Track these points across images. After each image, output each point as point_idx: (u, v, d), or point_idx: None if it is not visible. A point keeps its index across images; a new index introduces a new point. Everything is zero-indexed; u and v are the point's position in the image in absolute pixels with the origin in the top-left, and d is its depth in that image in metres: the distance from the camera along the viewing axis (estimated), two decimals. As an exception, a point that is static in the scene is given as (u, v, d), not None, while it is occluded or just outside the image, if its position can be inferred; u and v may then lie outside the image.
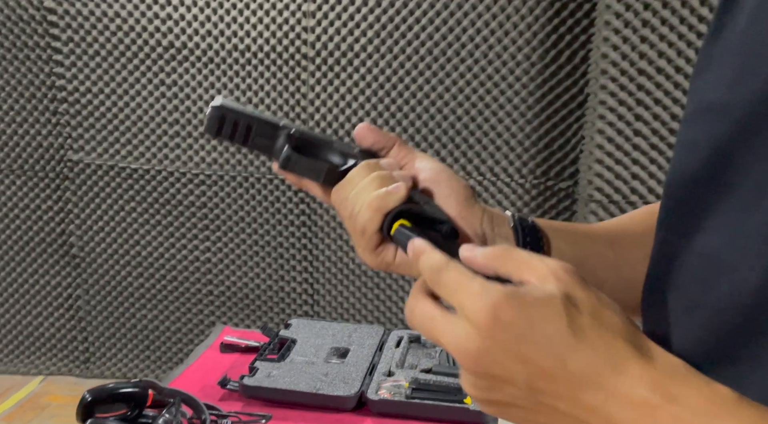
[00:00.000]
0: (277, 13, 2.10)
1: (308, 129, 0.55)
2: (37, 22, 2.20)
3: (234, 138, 0.52)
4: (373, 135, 0.53)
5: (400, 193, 0.47)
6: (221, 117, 0.52)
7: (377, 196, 0.47)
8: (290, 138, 0.52)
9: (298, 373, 1.11)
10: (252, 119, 0.52)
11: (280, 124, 0.53)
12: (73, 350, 2.50)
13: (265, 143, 0.53)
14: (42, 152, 2.32)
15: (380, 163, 0.50)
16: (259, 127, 0.52)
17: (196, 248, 2.34)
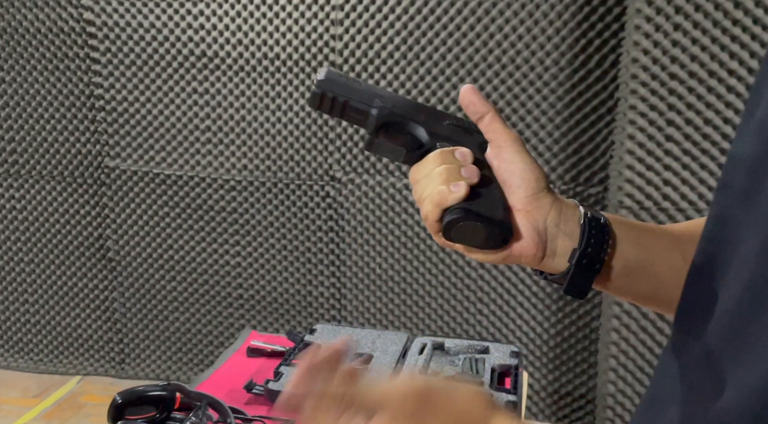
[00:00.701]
0: (305, 21, 2.13)
1: (401, 100, 0.56)
2: (77, 33, 2.28)
3: (332, 113, 0.56)
4: (473, 97, 0.54)
5: (460, 194, 0.50)
6: (321, 94, 0.55)
7: (439, 192, 0.51)
8: (376, 119, 0.55)
9: (321, 378, 1.12)
10: (349, 97, 0.55)
11: (371, 105, 0.55)
12: (108, 352, 2.57)
13: (359, 119, 0.56)
14: (80, 159, 2.40)
15: (454, 154, 0.53)
16: (354, 105, 0.55)
17: (226, 253, 2.38)
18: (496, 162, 0.54)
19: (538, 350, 2.19)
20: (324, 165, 2.24)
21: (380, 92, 0.56)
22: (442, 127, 0.56)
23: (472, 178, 0.51)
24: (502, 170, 0.53)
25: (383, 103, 0.56)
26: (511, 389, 1.09)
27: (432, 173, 0.52)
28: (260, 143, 2.27)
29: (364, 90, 0.56)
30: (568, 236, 0.53)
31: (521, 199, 0.53)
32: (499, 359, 1.19)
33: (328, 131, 2.21)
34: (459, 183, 0.50)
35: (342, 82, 0.56)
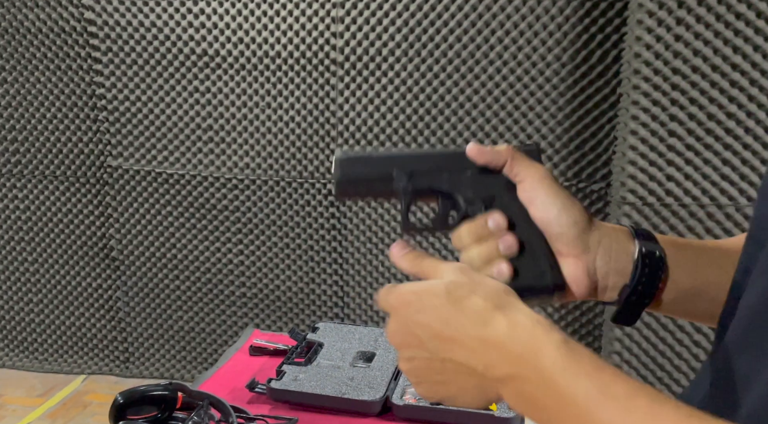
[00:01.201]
0: (306, 19, 2.13)
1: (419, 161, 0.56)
2: (78, 33, 2.28)
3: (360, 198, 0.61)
4: (484, 157, 0.54)
5: (504, 277, 0.51)
6: (344, 191, 0.57)
7: None
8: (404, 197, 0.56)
9: (324, 377, 1.12)
10: (369, 188, 0.57)
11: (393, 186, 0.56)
12: (113, 350, 2.58)
13: (388, 196, 0.57)
14: (83, 159, 2.40)
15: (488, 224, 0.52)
16: (377, 188, 0.57)
17: (229, 251, 2.39)
18: (531, 209, 0.52)
19: (542, 347, 2.19)
20: (326, 163, 2.23)
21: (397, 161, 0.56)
22: (467, 182, 0.55)
23: (512, 250, 0.51)
24: (539, 218, 0.52)
25: (403, 173, 0.55)
26: (514, 387, 1.09)
27: (471, 253, 0.52)
28: (262, 141, 2.27)
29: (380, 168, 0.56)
30: (619, 273, 0.52)
31: (565, 245, 0.52)
32: (501, 357, 1.18)
33: (329, 129, 2.21)
34: (501, 266, 0.51)
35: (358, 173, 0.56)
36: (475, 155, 0.54)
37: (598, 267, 0.52)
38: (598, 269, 0.52)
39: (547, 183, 0.53)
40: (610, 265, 0.52)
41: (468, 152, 0.54)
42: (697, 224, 1.81)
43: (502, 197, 0.54)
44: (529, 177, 0.53)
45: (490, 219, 0.52)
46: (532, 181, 0.52)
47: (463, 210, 0.55)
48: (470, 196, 0.54)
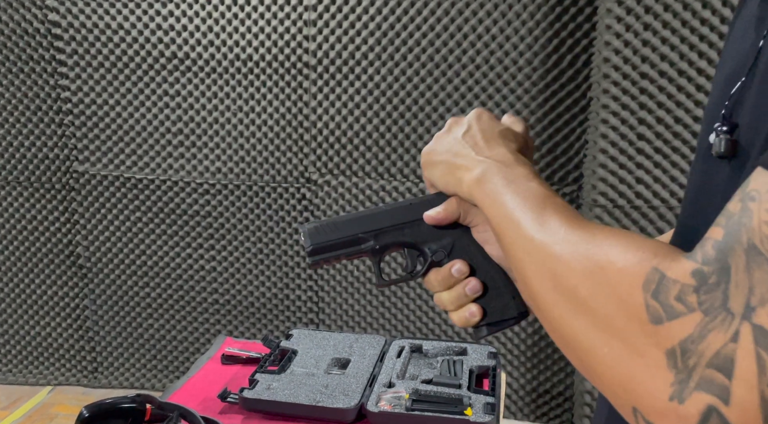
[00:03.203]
0: (278, 22, 2.11)
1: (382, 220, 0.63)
2: (42, 35, 2.22)
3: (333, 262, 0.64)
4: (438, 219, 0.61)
5: (476, 318, 0.59)
6: (317, 260, 0.63)
7: (459, 320, 0.60)
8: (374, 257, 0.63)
9: (298, 385, 1.10)
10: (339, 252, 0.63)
11: (361, 247, 0.63)
12: (80, 360, 2.51)
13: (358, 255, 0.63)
14: (48, 164, 2.34)
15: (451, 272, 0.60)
16: (347, 251, 0.63)
17: (201, 258, 2.35)
18: (487, 247, 0.60)
19: (516, 349, 2.20)
20: (299, 167, 2.21)
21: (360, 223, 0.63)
22: (427, 232, 0.62)
23: (477, 292, 0.59)
24: (495, 255, 0.60)
25: (369, 234, 0.62)
26: (489, 391, 1.09)
27: (443, 297, 0.60)
28: (234, 146, 2.24)
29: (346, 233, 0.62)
30: None
31: None
32: (477, 361, 1.18)
33: (303, 133, 2.19)
34: (472, 310, 0.59)
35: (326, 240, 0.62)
36: (433, 222, 0.61)
37: None
38: None
39: None
40: None
41: (426, 221, 0.61)
42: (666, 225, 1.84)
43: (461, 241, 0.61)
44: (479, 221, 0.60)
45: (453, 269, 0.59)
46: (484, 223, 0.59)
47: (429, 258, 0.61)
48: (432, 245, 0.61)
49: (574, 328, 0.40)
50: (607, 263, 0.38)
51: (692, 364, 0.34)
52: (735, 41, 0.51)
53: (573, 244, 0.41)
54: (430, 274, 0.61)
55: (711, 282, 0.34)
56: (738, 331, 0.32)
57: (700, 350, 0.33)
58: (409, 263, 0.63)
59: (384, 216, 0.63)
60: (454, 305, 0.60)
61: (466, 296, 0.59)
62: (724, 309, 0.33)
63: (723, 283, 0.33)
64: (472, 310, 0.58)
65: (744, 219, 0.33)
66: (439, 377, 1.12)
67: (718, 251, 0.34)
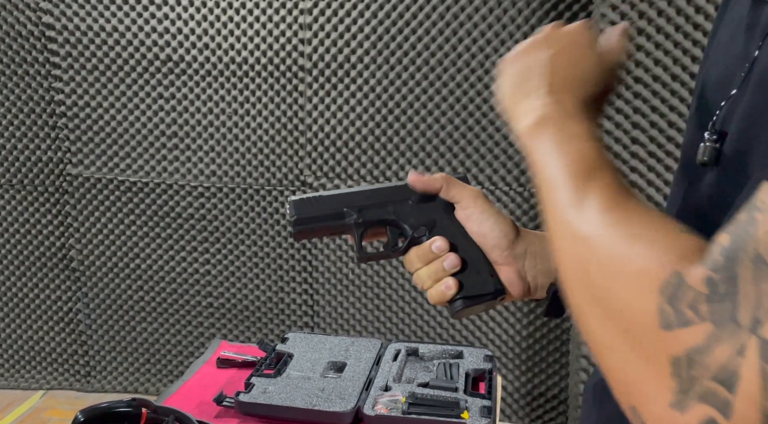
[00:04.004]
0: (273, 25, 2.11)
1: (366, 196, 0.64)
2: (36, 37, 2.22)
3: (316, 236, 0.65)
4: (422, 184, 0.62)
5: (452, 291, 0.60)
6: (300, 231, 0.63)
7: (435, 294, 0.60)
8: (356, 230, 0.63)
9: (294, 388, 1.10)
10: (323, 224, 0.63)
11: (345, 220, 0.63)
12: (73, 365, 2.49)
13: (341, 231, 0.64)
14: (41, 166, 2.32)
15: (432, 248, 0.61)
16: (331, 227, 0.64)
17: (195, 261, 2.34)
18: (468, 225, 0.61)
19: (511, 352, 2.21)
20: (294, 170, 2.21)
21: (345, 199, 0.63)
22: (410, 210, 0.63)
23: (455, 267, 0.60)
24: (475, 233, 0.61)
25: (352, 209, 0.63)
26: (486, 394, 1.09)
27: (421, 273, 0.61)
28: (229, 149, 2.23)
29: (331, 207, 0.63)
30: (545, 274, 0.60)
31: (499, 256, 0.60)
32: (473, 364, 1.19)
33: (298, 136, 2.19)
34: (448, 283, 0.59)
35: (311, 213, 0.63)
36: (415, 182, 0.62)
37: (527, 271, 0.61)
38: (527, 272, 0.61)
39: (480, 202, 0.62)
40: (537, 268, 0.60)
41: (409, 180, 0.62)
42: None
43: (442, 220, 0.62)
44: (464, 197, 0.61)
45: (433, 244, 0.60)
46: (467, 200, 0.61)
47: (410, 235, 0.62)
48: (414, 223, 0.62)
49: (590, 317, 0.40)
50: (630, 259, 0.37)
51: (696, 375, 0.33)
52: (721, 45, 0.51)
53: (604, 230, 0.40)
54: (411, 251, 0.62)
55: (721, 291, 0.33)
56: (744, 345, 0.32)
57: (707, 362, 0.33)
58: (391, 240, 0.64)
59: (367, 194, 0.64)
60: (432, 280, 0.60)
61: (444, 270, 0.60)
62: (733, 321, 0.32)
63: (732, 293, 0.33)
64: (448, 283, 0.59)
65: (750, 228, 0.33)
66: (436, 381, 1.12)
67: (726, 258, 0.34)
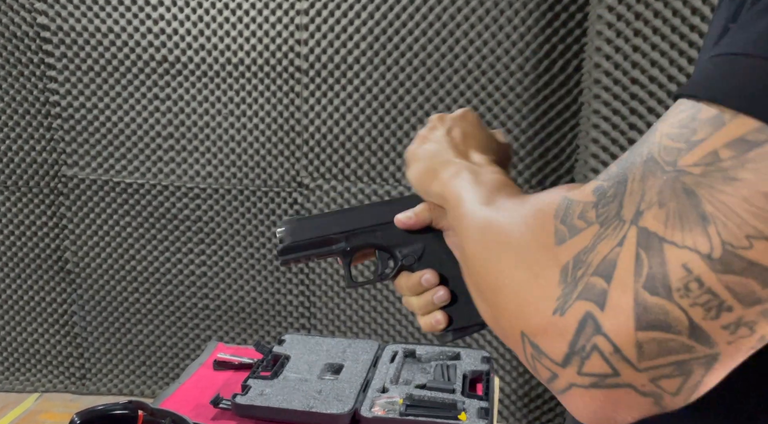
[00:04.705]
0: (270, 26, 2.10)
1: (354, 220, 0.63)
2: (31, 38, 2.20)
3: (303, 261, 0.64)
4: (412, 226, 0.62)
5: (441, 325, 0.60)
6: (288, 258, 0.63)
7: (425, 326, 0.61)
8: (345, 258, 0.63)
9: (291, 390, 1.09)
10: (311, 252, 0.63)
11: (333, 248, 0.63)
12: (68, 367, 2.48)
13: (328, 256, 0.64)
14: (36, 168, 2.31)
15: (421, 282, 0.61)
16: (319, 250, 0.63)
17: (191, 262, 2.33)
18: (457, 252, 0.59)
19: (508, 354, 2.20)
20: (291, 171, 2.21)
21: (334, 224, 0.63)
22: (399, 236, 0.62)
23: (444, 302, 0.60)
24: None
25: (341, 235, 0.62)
26: (483, 396, 1.09)
27: (411, 302, 0.62)
28: (225, 150, 2.23)
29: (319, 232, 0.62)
30: None
31: None
32: (470, 365, 1.18)
33: (295, 137, 2.18)
34: (437, 318, 0.60)
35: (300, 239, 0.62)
36: (404, 227, 0.62)
37: None
38: None
39: None
40: None
41: (397, 224, 0.62)
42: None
43: (431, 245, 0.61)
44: (450, 226, 0.60)
45: (422, 278, 0.60)
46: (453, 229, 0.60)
47: (399, 261, 0.62)
48: (404, 250, 0.62)
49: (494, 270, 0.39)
50: (531, 206, 0.39)
51: (580, 274, 0.33)
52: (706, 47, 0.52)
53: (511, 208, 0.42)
54: (400, 278, 0.62)
55: (609, 195, 0.33)
56: (625, 235, 0.32)
57: (590, 259, 0.33)
58: (380, 265, 0.63)
59: (356, 217, 0.63)
60: (422, 311, 0.61)
61: (434, 304, 0.60)
62: (617, 218, 0.32)
63: (619, 194, 0.33)
64: (437, 318, 0.60)
65: (649, 136, 0.33)
66: (433, 382, 1.12)
67: (620, 167, 0.34)
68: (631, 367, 0.31)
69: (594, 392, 0.32)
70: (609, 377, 0.32)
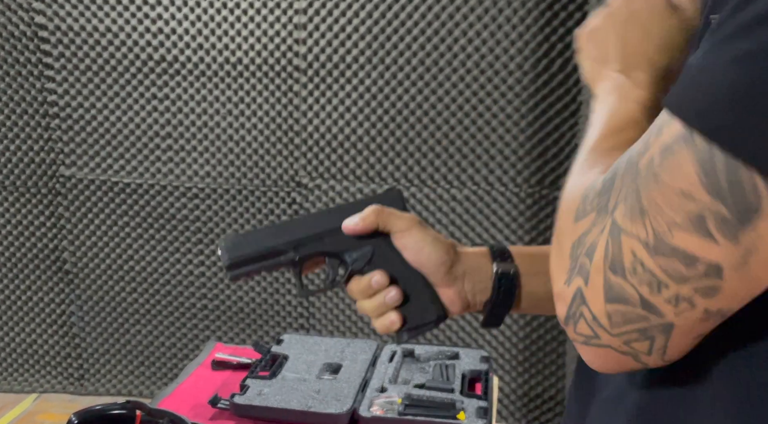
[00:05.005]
0: (268, 25, 2.10)
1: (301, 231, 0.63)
2: (28, 37, 2.20)
3: (255, 275, 0.63)
4: (357, 229, 0.63)
5: (396, 325, 0.62)
6: (236, 274, 0.62)
7: (381, 327, 0.62)
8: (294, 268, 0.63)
9: (289, 390, 1.09)
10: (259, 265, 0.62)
11: (281, 259, 0.62)
12: (67, 367, 2.47)
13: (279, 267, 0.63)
14: (34, 168, 2.31)
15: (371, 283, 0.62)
16: (268, 263, 0.62)
17: (190, 262, 2.33)
18: (405, 254, 0.62)
19: (508, 353, 2.20)
20: (290, 171, 2.20)
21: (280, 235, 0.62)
22: (347, 241, 0.62)
23: (397, 301, 0.61)
24: (413, 261, 0.62)
25: (289, 245, 0.62)
26: (482, 395, 1.09)
27: (364, 306, 0.63)
28: (223, 150, 2.22)
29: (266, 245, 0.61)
30: (483, 292, 0.64)
31: (440, 279, 0.62)
32: (469, 365, 1.18)
33: (293, 136, 2.18)
34: (392, 318, 0.61)
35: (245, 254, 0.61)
36: (352, 233, 0.62)
37: (466, 290, 0.63)
38: (467, 292, 0.63)
39: (414, 230, 0.63)
40: (475, 287, 0.63)
41: (344, 231, 0.62)
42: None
43: (380, 248, 0.62)
44: (398, 229, 0.62)
45: (372, 279, 0.61)
46: (401, 231, 0.62)
47: (350, 266, 0.62)
48: (353, 254, 0.62)
49: None
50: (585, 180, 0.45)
51: (579, 252, 0.41)
52: None
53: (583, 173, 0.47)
54: (352, 282, 0.63)
55: (606, 188, 0.40)
56: (605, 225, 0.39)
57: (585, 241, 0.40)
58: (330, 272, 0.63)
59: (303, 226, 0.63)
60: (376, 313, 0.62)
61: (387, 304, 0.61)
62: (605, 209, 0.39)
63: (610, 188, 0.40)
64: (392, 318, 0.61)
65: (639, 144, 0.39)
66: (432, 382, 1.11)
67: (617, 165, 0.40)
68: (606, 332, 0.39)
69: (586, 348, 0.41)
70: (593, 338, 0.40)
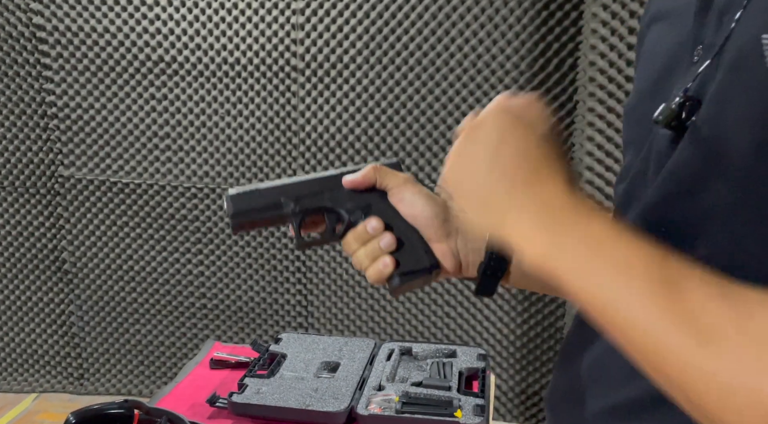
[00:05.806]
0: (266, 26, 2.10)
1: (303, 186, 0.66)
2: (27, 38, 2.20)
3: (256, 228, 0.66)
4: (358, 185, 0.65)
5: (389, 269, 0.62)
6: (239, 224, 0.64)
7: (373, 273, 0.63)
8: (294, 219, 0.65)
9: (287, 389, 1.10)
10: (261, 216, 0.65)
11: (282, 211, 0.65)
12: (66, 367, 2.48)
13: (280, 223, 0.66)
14: (33, 168, 2.31)
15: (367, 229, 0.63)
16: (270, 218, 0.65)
17: (189, 262, 2.33)
18: (401, 208, 0.64)
19: (505, 351, 2.21)
20: (288, 171, 2.21)
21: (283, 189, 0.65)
22: (346, 197, 0.65)
23: (391, 246, 0.63)
24: (408, 214, 0.64)
25: (290, 199, 0.65)
26: (479, 393, 1.09)
27: (359, 254, 0.63)
28: (221, 149, 2.23)
29: (269, 198, 0.65)
30: (476, 253, 0.63)
31: (433, 233, 0.63)
32: (466, 363, 1.19)
33: (291, 136, 2.19)
34: (385, 261, 0.62)
35: (249, 205, 0.64)
36: (351, 186, 0.65)
37: (459, 248, 0.64)
38: (459, 250, 0.64)
39: (409, 186, 0.65)
40: (468, 246, 0.63)
41: (345, 186, 0.65)
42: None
43: (377, 204, 0.64)
44: (394, 184, 0.65)
45: (368, 225, 0.63)
46: (398, 186, 0.64)
47: (347, 221, 0.65)
48: (350, 208, 0.65)
49: None
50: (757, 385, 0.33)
51: None
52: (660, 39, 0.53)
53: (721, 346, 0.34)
54: (348, 235, 0.64)
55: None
56: None
57: None
58: (329, 226, 0.66)
59: (305, 183, 0.66)
60: (369, 259, 0.63)
61: (381, 249, 0.63)
62: None
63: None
64: (385, 261, 0.62)
65: None
66: (429, 380, 1.12)
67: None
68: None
69: None
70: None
